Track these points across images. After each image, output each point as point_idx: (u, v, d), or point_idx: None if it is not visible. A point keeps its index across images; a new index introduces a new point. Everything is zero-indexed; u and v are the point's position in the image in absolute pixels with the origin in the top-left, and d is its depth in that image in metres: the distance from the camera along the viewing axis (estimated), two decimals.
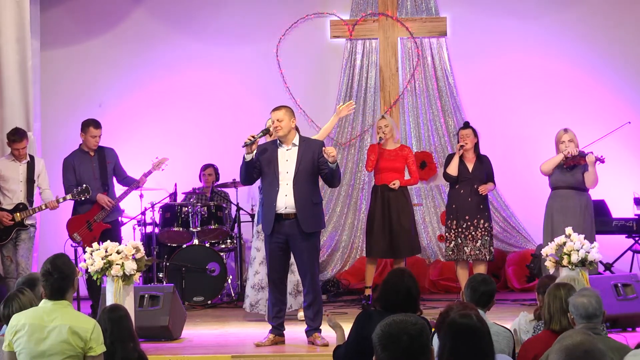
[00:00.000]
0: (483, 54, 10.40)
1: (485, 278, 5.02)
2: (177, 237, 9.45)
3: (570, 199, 8.26)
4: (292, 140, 6.84)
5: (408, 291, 4.64)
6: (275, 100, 10.12)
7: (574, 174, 8.26)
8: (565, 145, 8.27)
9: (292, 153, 6.82)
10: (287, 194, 6.74)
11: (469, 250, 8.59)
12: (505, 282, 9.95)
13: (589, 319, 4.27)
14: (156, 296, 7.14)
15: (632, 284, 7.22)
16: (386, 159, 8.69)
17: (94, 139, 8.55)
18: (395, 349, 2.77)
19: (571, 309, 4.33)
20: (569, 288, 4.62)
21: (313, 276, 6.84)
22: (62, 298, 4.43)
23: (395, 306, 4.54)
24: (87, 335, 4.35)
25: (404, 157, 8.78)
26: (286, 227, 6.76)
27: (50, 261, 4.46)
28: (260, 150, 6.84)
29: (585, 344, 2.91)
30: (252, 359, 6.59)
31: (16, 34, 8.82)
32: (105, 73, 10.54)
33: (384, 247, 8.64)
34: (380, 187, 8.73)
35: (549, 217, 8.34)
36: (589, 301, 4.28)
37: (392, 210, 8.65)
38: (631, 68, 10.28)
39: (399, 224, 8.64)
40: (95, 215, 8.47)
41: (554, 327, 4.49)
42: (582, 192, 8.30)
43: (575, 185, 8.27)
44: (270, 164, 6.79)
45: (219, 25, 10.56)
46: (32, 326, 4.36)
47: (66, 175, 8.56)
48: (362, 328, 4.59)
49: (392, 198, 8.67)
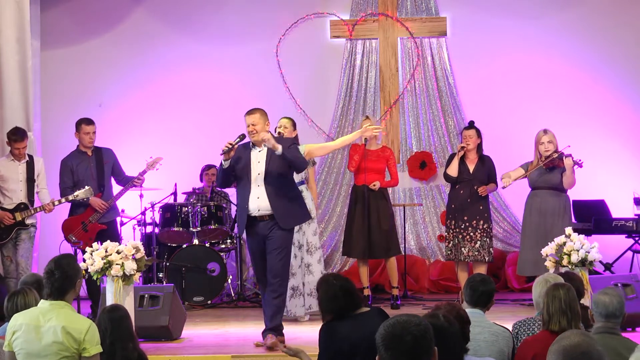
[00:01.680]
0: (483, 54, 10.40)
1: (485, 278, 5.03)
2: (177, 237, 9.45)
3: (549, 199, 8.35)
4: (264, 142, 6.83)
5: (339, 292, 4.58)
6: (275, 100, 10.17)
7: (553, 175, 8.35)
8: (545, 147, 8.38)
9: (263, 154, 6.83)
10: (259, 195, 6.76)
11: (467, 251, 8.59)
12: (505, 282, 9.96)
13: (608, 318, 4.28)
14: (156, 296, 7.14)
15: (632, 284, 7.24)
16: (368, 159, 8.71)
17: (87, 135, 8.54)
18: (398, 350, 2.76)
19: (592, 306, 4.34)
20: (568, 288, 4.61)
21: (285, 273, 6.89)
22: (61, 298, 4.43)
23: (343, 309, 4.53)
24: (81, 336, 4.35)
25: (385, 158, 8.80)
26: (261, 228, 6.79)
27: (55, 260, 4.47)
28: (235, 156, 6.85)
29: (583, 345, 2.90)
30: (252, 359, 6.59)
31: (16, 34, 8.82)
32: (105, 73, 10.54)
33: (362, 247, 8.65)
34: (360, 188, 8.75)
35: (527, 216, 8.49)
36: (611, 300, 4.29)
37: (371, 211, 8.67)
38: (631, 68, 10.28)
39: (377, 225, 8.64)
40: (90, 216, 8.47)
41: (552, 328, 4.47)
42: (561, 193, 8.40)
43: (554, 186, 8.36)
44: (244, 167, 6.83)
45: (219, 25, 10.56)
46: (28, 326, 4.38)
47: (62, 177, 8.55)
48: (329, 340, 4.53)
49: (372, 199, 8.68)
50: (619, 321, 4.30)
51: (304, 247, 8.07)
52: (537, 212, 8.42)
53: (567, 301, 4.50)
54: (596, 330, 4.38)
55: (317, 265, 8.09)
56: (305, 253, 8.07)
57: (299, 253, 8.07)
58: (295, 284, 8.05)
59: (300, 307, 8.07)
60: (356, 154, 8.74)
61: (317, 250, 8.13)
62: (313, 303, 8.03)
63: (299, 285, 8.08)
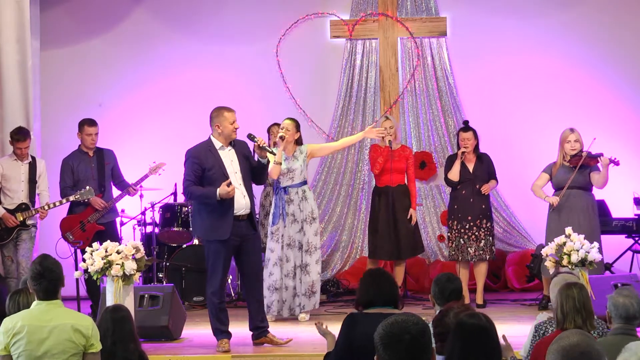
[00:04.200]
0: (483, 54, 10.40)
1: (450, 276, 5.00)
2: (177, 237, 9.45)
3: (578, 198, 8.28)
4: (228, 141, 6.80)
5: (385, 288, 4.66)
6: (275, 100, 10.17)
7: (582, 175, 8.28)
8: (571, 146, 8.30)
9: (232, 153, 6.78)
10: (244, 194, 6.71)
11: (473, 251, 8.62)
12: (505, 282, 9.95)
13: (628, 320, 4.27)
14: (156, 296, 7.15)
15: (632, 284, 7.23)
16: (393, 160, 8.69)
17: (90, 137, 8.55)
18: (397, 349, 2.77)
19: (610, 307, 4.33)
20: (581, 287, 4.62)
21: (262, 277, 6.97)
22: (55, 298, 4.44)
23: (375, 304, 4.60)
24: (89, 332, 4.38)
25: (405, 158, 8.81)
26: (242, 228, 6.71)
27: (39, 263, 4.45)
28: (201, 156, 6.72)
29: (582, 345, 2.90)
30: (252, 358, 6.60)
31: (16, 34, 8.82)
32: (105, 73, 10.54)
33: (390, 248, 8.67)
34: (384, 189, 8.73)
35: (554, 215, 8.33)
36: (631, 302, 4.28)
37: (397, 212, 8.67)
38: (631, 68, 10.28)
39: (404, 226, 8.66)
40: (89, 216, 8.48)
41: (567, 327, 4.47)
42: (589, 193, 8.34)
43: (583, 185, 8.30)
44: (215, 167, 6.67)
45: (219, 25, 10.56)
46: (30, 327, 4.35)
47: (63, 176, 8.56)
48: (348, 332, 4.58)
49: (396, 199, 8.68)
50: (637, 322, 4.30)
51: (304, 248, 8.07)
52: (567, 211, 8.23)
53: (581, 300, 4.50)
54: (614, 331, 4.36)
55: (315, 265, 8.10)
56: (305, 253, 8.07)
57: (298, 254, 8.07)
58: (292, 284, 8.05)
59: (296, 306, 8.07)
60: (380, 155, 8.71)
61: (316, 250, 8.14)
62: (307, 303, 8.02)
63: (296, 285, 8.08)
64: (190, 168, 6.67)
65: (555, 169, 8.43)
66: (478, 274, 8.77)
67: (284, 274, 8.06)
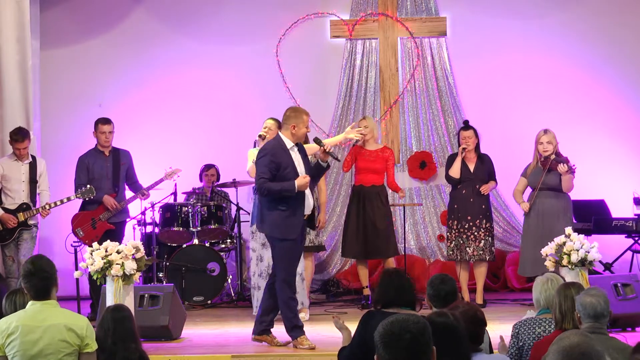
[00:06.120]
0: (483, 54, 10.39)
1: (444, 278, 4.94)
2: (177, 237, 9.45)
3: (548, 200, 8.35)
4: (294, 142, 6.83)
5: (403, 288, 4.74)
6: (275, 100, 10.16)
7: (552, 177, 8.34)
8: (544, 147, 8.38)
9: (297, 154, 6.80)
10: (309, 195, 6.75)
11: (472, 251, 8.62)
12: (505, 282, 9.96)
13: (596, 318, 4.28)
14: (156, 296, 7.15)
15: (631, 283, 7.24)
16: (366, 159, 8.72)
17: (103, 134, 8.61)
18: (396, 348, 2.77)
19: (578, 308, 4.34)
20: (579, 286, 4.64)
21: None
22: (48, 297, 4.43)
23: (394, 304, 4.65)
24: (83, 332, 4.38)
25: (384, 159, 8.79)
26: (303, 228, 6.80)
27: (31, 262, 4.45)
28: (277, 154, 6.66)
29: (582, 346, 2.90)
30: (252, 358, 6.60)
31: (16, 34, 8.82)
32: (105, 73, 10.53)
33: (357, 248, 8.68)
34: (357, 188, 8.77)
35: (527, 217, 8.51)
36: (598, 301, 4.29)
37: (367, 211, 8.68)
38: (631, 68, 10.28)
39: (373, 226, 8.64)
40: (100, 214, 8.52)
41: (566, 327, 4.49)
42: (560, 194, 8.40)
43: (555, 187, 8.36)
44: (289, 166, 6.65)
45: (218, 25, 10.56)
46: (24, 327, 4.35)
47: (78, 173, 8.62)
48: (364, 328, 4.62)
49: (367, 199, 8.70)
50: (606, 320, 4.30)
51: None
52: (535, 212, 8.41)
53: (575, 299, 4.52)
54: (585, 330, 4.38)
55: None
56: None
57: None
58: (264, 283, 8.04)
59: None
60: (350, 154, 8.79)
61: None
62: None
63: None
64: (267, 165, 6.56)
65: (530, 170, 8.55)
66: (478, 274, 8.77)
67: (257, 273, 8.06)
